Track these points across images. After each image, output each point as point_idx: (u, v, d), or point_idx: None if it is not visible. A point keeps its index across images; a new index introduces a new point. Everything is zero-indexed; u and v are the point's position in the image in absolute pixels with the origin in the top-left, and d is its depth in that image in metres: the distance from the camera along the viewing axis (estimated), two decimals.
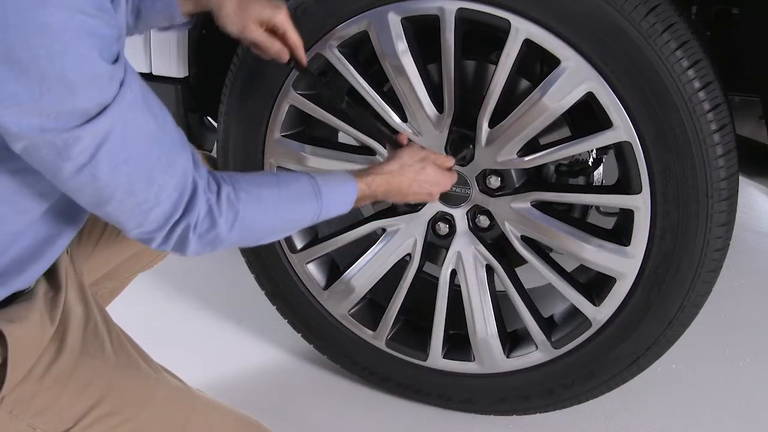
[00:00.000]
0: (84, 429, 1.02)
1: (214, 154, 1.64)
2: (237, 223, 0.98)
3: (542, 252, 1.47)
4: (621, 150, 1.29)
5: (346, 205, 1.15)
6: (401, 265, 1.57)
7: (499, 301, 1.55)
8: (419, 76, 1.37)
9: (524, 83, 1.48)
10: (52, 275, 1.06)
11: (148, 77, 1.59)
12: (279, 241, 1.61)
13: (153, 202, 0.89)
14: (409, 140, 1.37)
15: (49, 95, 0.75)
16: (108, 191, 0.86)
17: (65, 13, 0.73)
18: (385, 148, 1.42)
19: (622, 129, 1.26)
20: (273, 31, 1.22)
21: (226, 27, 1.21)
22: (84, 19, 0.75)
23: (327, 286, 1.63)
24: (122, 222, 0.92)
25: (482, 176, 1.43)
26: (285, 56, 1.25)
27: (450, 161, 1.32)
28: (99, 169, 0.83)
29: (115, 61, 0.81)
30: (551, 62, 1.27)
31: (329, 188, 1.12)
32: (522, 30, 1.25)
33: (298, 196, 1.08)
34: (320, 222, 1.14)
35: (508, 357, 1.54)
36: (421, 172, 1.24)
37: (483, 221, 1.48)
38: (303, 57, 1.27)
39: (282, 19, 1.21)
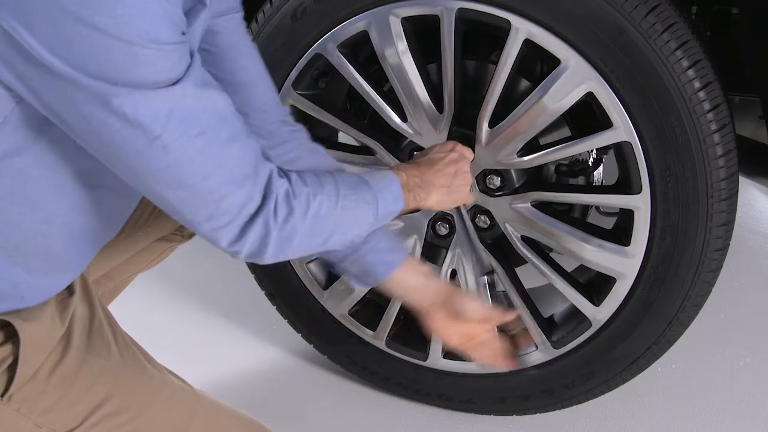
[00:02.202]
0: (90, 428, 1.02)
1: None
2: (309, 209, 0.94)
3: (542, 252, 1.47)
4: (621, 150, 1.29)
5: (396, 193, 1.09)
6: None
7: (500, 301, 1.55)
8: (419, 76, 1.37)
9: (524, 83, 1.48)
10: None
11: None
12: None
13: (227, 189, 0.85)
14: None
15: (114, 63, 0.74)
16: (180, 169, 0.82)
17: None
18: None
19: (622, 129, 1.26)
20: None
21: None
22: None
23: (327, 286, 1.63)
24: (193, 213, 0.87)
25: (482, 176, 1.43)
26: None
27: (470, 152, 1.31)
28: (171, 140, 0.79)
29: (182, 39, 0.80)
30: (551, 62, 1.27)
31: (373, 178, 1.08)
32: (522, 30, 1.25)
33: (352, 187, 1.03)
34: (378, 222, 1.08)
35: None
36: (453, 175, 1.24)
37: (483, 221, 1.48)
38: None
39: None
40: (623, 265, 1.36)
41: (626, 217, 1.36)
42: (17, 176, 0.86)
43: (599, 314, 1.42)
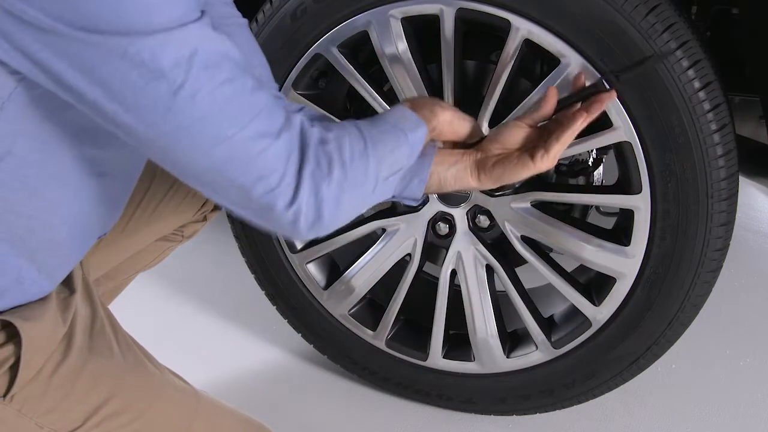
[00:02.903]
0: (91, 428, 1.02)
1: None
2: (344, 153, 0.88)
3: (542, 252, 1.47)
4: (621, 150, 1.29)
5: (411, 117, 1.01)
6: (401, 265, 1.57)
7: (499, 301, 1.55)
8: (419, 76, 1.37)
9: (524, 83, 1.48)
10: (66, 276, 1.06)
11: None
12: (279, 241, 1.61)
13: (266, 141, 0.81)
14: None
15: (123, 10, 0.70)
16: (214, 122, 0.77)
17: None
18: None
19: (622, 129, 1.26)
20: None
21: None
22: None
23: (327, 286, 1.63)
24: (242, 175, 0.81)
25: None
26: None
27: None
28: (198, 88, 0.75)
29: None
30: (551, 62, 1.27)
31: (383, 114, 1.02)
32: (522, 30, 1.25)
33: (366, 121, 0.97)
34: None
35: (508, 357, 1.54)
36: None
37: (483, 221, 1.48)
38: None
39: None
40: (623, 265, 1.36)
41: (626, 217, 1.36)
42: (18, 162, 0.84)
43: (599, 314, 1.42)
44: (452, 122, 1.09)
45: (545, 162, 1.09)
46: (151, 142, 0.79)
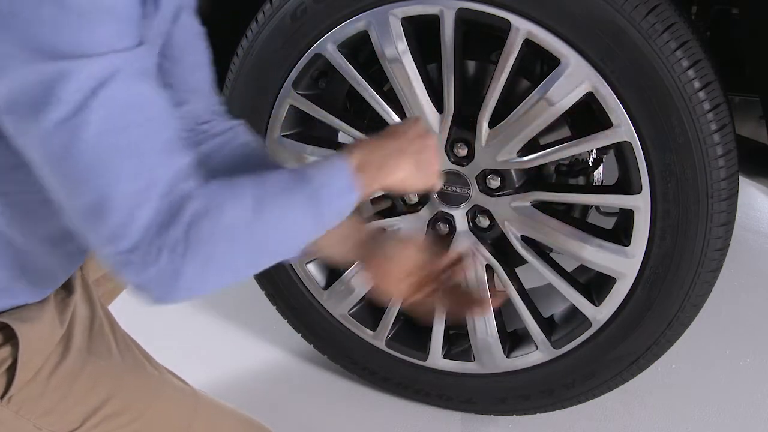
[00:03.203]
0: (90, 429, 1.02)
1: None
2: (218, 227, 0.77)
3: (542, 252, 1.47)
4: (621, 150, 1.29)
5: (344, 182, 0.88)
6: None
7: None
8: (419, 76, 1.37)
9: (524, 83, 1.48)
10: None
11: None
12: None
13: (138, 200, 0.72)
14: None
15: (43, 22, 0.66)
16: (87, 165, 0.70)
17: None
18: None
19: (622, 129, 1.26)
20: None
21: None
22: None
23: (327, 286, 1.63)
24: (94, 228, 0.74)
25: (482, 176, 1.43)
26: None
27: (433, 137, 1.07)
28: (86, 125, 0.68)
29: (138, 18, 0.73)
30: (551, 62, 1.27)
31: (313, 168, 0.88)
32: (522, 30, 1.25)
33: (283, 189, 0.84)
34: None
35: (508, 357, 1.54)
36: (405, 137, 0.99)
37: (483, 221, 1.48)
38: None
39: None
40: (623, 265, 1.36)
41: (626, 217, 1.36)
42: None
43: (599, 314, 1.42)
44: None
45: (404, 293, 1.02)
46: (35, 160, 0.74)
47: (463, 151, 1.41)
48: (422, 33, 1.37)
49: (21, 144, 0.73)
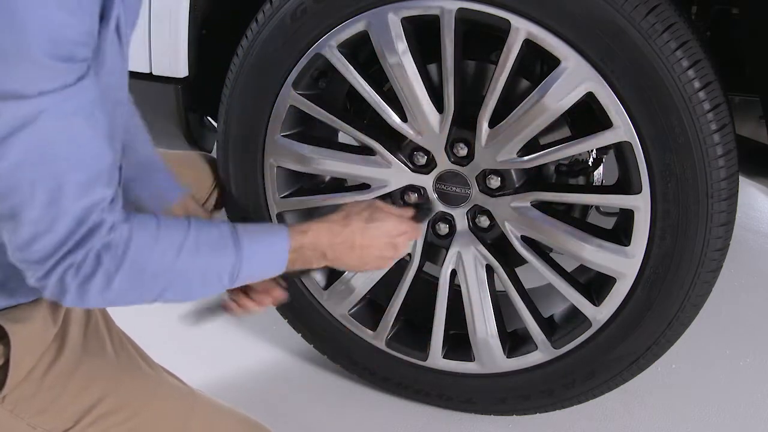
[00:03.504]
0: (85, 428, 1.02)
1: (214, 154, 1.64)
2: (123, 266, 0.86)
3: (542, 252, 1.47)
4: (621, 150, 1.29)
5: (276, 259, 1.01)
6: (401, 265, 1.57)
7: (499, 301, 1.55)
8: (419, 76, 1.37)
9: (524, 83, 1.48)
10: None
11: (148, 77, 1.59)
12: None
13: (46, 225, 0.80)
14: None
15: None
16: (4, 188, 0.78)
17: (39, 2, 0.72)
18: None
19: (622, 129, 1.26)
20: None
21: None
22: (55, 11, 0.74)
23: (327, 286, 1.63)
24: (10, 233, 0.82)
25: (482, 176, 1.43)
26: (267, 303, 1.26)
27: (408, 211, 1.22)
28: (4, 155, 0.75)
29: (69, 61, 0.77)
30: (551, 62, 1.27)
31: (251, 239, 0.97)
32: (522, 30, 1.25)
33: (209, 243, 0.94)
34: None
35: (508, 357, 1.54)
36: (373, 219, 1.10)
37: (483, 221, 1.48)
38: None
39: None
40: (623, 265, 1.36)
41: (626, 217, 1.36)
42: None
43: (599, 314, 1.42)
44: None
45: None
46: None
47: (463, 151, 1.41)
48: (422, 33, 1.37)
49: None
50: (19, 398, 0.97)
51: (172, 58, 1.56)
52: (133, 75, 1.49)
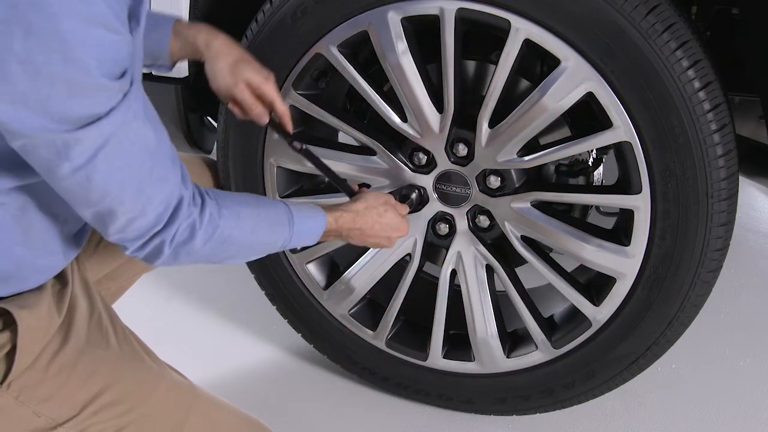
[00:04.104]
0: (88, 417, 1.04)
1: (214, 154, 1.64)
2: (214, 237, 1.01)
3: (542, 252, 1.47)
4: (621, 150, 1.29)
5: (314, 236, 1.20)
6: (401, 265, 1.57)
7: (499, 301, 1.55)
8: (419, 76, 1.37)
9: (524, 83, 1.48)
10: (59, 271, 1.08)
11: (148, 77, 1.59)
12: None
13: (139, 212, 0.92)
14: (367, 186, 1.47)
15: (56, 98, 0.78)
16: (98, 195, 0.88)
17: (85, 25, 0.77)
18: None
19: (622, 129, 1.26)
20: (257, 95, 1.28)
21: (217, 81, 1.27)
22: (103, 33, 0.79)
23: (327, 286, 1.63)
24: (105, 225, 0.93)
25: (482, 176, 1.43)
26: (265, 119, 1.31)
27: (405, 209, 1.38)
28: (95, 172, 0.85)
29: (123, 75, 0.84)
30: (551, 62, 1.27)
31: (301, 218, 1.16)
32: (522, 30, 1.25)
33: (273, 220, 1.12)
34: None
35: (508, 357, 1.54)
36: (384, 215, 1.29)
37: (483, 221, 1.48)
38: (289, 123, 1.33)
39: (270, 88, 1.28)
40: (623, 265, 1.36)
41: (626, 217, 1.36)
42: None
43: (599, 314, 1.42)
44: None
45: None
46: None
47: (463, 151, 1.41)
48: (422, 33, 1.37)
49: (37, 169, 0.87)
50: (25, 385, 0.99)
51: None
52: None
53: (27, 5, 0.73)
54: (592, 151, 1.53)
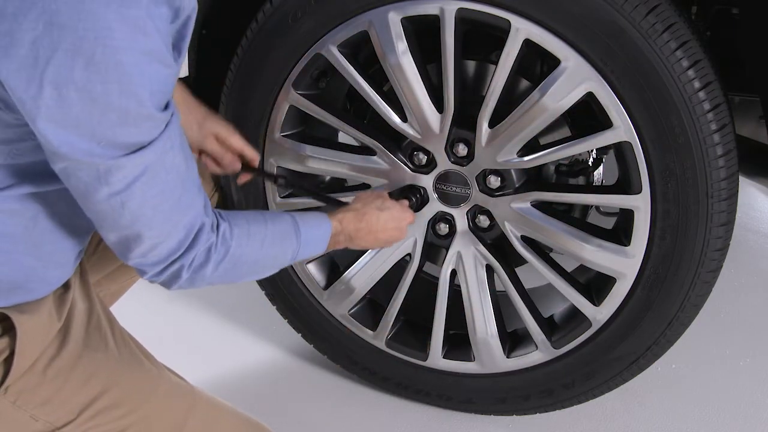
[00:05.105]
0: (86, 421, 1.04)
1: None
2: (227, 258, 1.02)
3: (542, 252, 1.47)
4: (621, 150, 1.29)
5: (322, 244, 1.20)
6: (401, 265, 1.57)
7: (499, 301, 1.55)
8: (419, 76, 1.37)
9: (524, 83, 1.48)
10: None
11: None
12: None
13: (163, 238, 0.94)
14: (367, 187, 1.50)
15: (106, 126, 0.80)
16: (129, 220, 0.89)
17: (145, 59, 0.80)
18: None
19: (622, 129, 1.26)
20: (225, 146, 1.35)
21: (187, 130, 1.27)
22: (159, 67, 0.82)
23: (327, 286, 1.63)
24: (128, 249, 0.94)
25: (482, 176, 1.43)
26: (237, 166, 1.36)
27: (405, 202, 1.39)
28: (130, 198, 0.87)
29: (167, 106, 0.87)
30: (551, 62, 1.27)
31: (307, 227, 1.16)
32: (522, 30, 1.25)
33: (281, 234, 1.13)
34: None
35: (508, 357, 1.54)
36: (383, 206, 1.29)
37: (483, 221, 1.48)
38: (256, 163, 1.39)
39: (237, 139, 1.34)
40: (623, 265, 1.36)
41: (626, 217, 1.36)
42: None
43: (599, 314, 1.42)
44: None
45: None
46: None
47: (463, 151, 1.41)
48: (422, 33, 1.37)
49: (73, 191, 0.89)
50: (22, 390, 0.99)
51: None
52: None
53: (92, 38, 0.76)
54: (592, 151, 1.53)
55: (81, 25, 0.75)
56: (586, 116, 1.37)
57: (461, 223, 1.49)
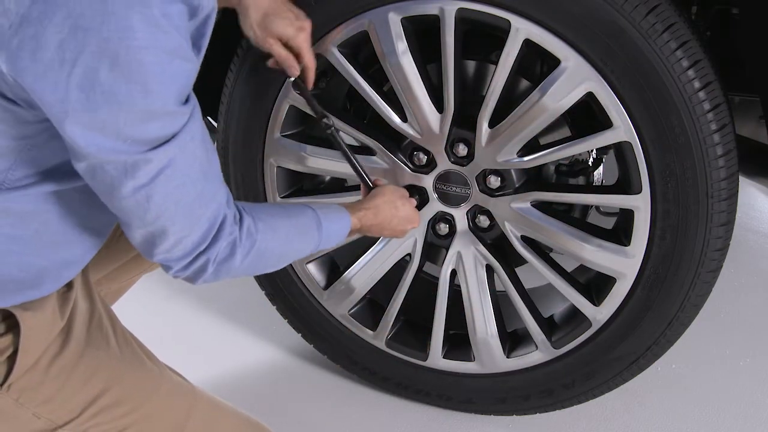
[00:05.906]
0: (88, 419, 1.04)
1: None
2: (252, 251, 1.03)
3: (542, 252, 1.47)
4: (621, 150, 1.29)
5: (340, 238, 1.22)
6: (401, 265, 1.57)
7: (499, 301, 1.55)
8: (419, 76, 1.37)
9: (524, 83, 1.48)
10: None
11: None
12: None
13: (187, 231, 0.94)
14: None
15: (131, 124, 0.82)
16: (154, 214, 0.90)
17: (167, 57, 0.80)
18: (361, 185, 1.40)
19: (622, 129, 1.26)
20: (289, 45, 1.28)
21: (247, 33, 1.27)
22: (180, 63, 0.83)
23: (327, 286, 1.63)
24: (153, 245, 0.95)
25: (482, 176, 1.43)
26: (296, 72, 1.30)
27: (413, 201, 1.41)
28: (156, 191, 0.87)
29: (188, 100, 0.88)
30: (551, 62, 1.27)
31: (328, 221, 1.18)
32: (522, 30, 1.25)
33: (304, 227, 1.14)
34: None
35: (508, 357, 1.54)
36: (401, 209, 1.32)
37: (483, 221, 1.48)
38: (312, 78, 1.33)
39: (301, 41, 1.27)
40: (623, 265, 1.36)
41: (626, 217, 1.36)
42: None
43: (599, 314, 1.42)
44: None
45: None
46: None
47: (463, 151, 1.41)
48: (422, 33, 1.37)
49: (98, 188, 0.89)
50: (25, 387, 1.00)
51: None
52: None
53: (116, 39, 0.77)
54: (592, 151, 1.53)
55: (105, 27, 0.76)
56: (586, 116, 1.37)
57: (461, 223, 1.49)
